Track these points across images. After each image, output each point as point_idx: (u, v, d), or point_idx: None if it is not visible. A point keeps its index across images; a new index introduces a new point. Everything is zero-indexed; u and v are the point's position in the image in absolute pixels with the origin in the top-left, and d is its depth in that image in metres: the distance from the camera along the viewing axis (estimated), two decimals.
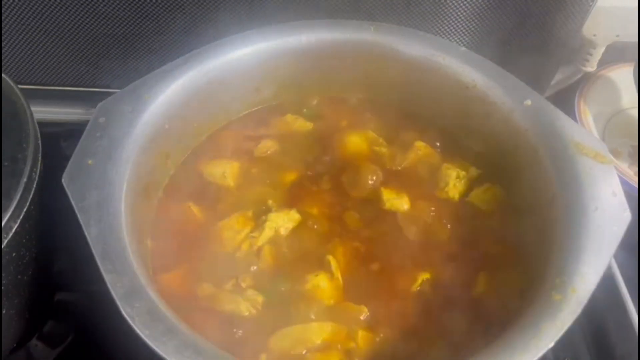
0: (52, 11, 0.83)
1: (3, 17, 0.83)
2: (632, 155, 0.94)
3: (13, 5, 0.82)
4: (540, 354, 0.50)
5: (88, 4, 0.82)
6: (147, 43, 0.87)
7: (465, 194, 0.71)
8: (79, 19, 0.84)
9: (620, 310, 0.75)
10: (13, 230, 0.55)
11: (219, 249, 0.65)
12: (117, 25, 0.85)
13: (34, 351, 0.72)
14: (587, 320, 0.72)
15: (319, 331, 0.59)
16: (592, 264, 0.55)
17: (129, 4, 0.83)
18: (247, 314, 0.61)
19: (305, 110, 0.79)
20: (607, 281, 0.61)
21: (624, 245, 0.58)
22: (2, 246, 0.54)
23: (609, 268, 0.74)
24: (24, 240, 0.58)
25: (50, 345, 0.72)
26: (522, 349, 0.51)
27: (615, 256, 0.58)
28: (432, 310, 0.61)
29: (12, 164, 0.57)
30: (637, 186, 0.86)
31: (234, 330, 0.60)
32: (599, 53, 0.94)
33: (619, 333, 0.75)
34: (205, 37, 0.72)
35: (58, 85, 0.93)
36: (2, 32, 0.85)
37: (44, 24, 0.85)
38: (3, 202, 0.54)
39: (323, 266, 0.64)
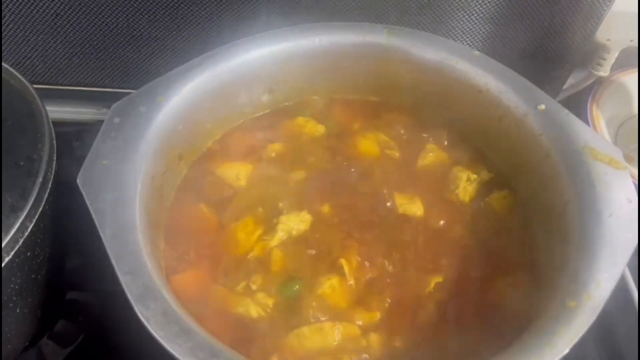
0: (67, 12, 0.83)
1: (18, 18, 0.84)
2: None
3: (28, 5, 0.82)
4: None
5: (103, 5, 0.83)
6: (161, 44, 0.88)
7: (476, 196, 0.71)
8: (94, 20, 0.85)
9: (632, 315, 0.75)
10: (29, 229, 0.55)
11: (231, 251, 0.65)
12: (131, 26, 0.86)
13: (45, 350, 0.72)
14: (598, 324, 0.72)
15: (331, 333, 0.59)
16: (607, 271, 0.55)
17: (144, 6, 0.83)
18: (256, 317, 0.61)
19: (317, 112, 0.79)
20: (618, 285, 0.60)
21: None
22: (18, 246, 0.54)
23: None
24: (39, 240, 0.58)
25: (61, 345, 0.72)
26: (536, 356, 0.50)
27: (628, 261, 0.58)
28: (445, 314, 0.61)
29: (28, 164, 0.58)
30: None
31: (245, 332, 0.60)
32: (612, 58, 0.94)
33: (629, 337, 0.75)
34: (219, 39, 0.72)
35: (71, 85, 0.93)
36: (18, 32, 0.86)
37: (59, 24, 0.85)
38: (19, 202, 0.55)
39: (336, 269, 0.64)
